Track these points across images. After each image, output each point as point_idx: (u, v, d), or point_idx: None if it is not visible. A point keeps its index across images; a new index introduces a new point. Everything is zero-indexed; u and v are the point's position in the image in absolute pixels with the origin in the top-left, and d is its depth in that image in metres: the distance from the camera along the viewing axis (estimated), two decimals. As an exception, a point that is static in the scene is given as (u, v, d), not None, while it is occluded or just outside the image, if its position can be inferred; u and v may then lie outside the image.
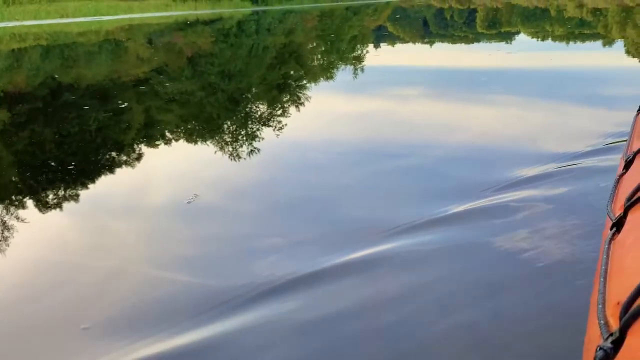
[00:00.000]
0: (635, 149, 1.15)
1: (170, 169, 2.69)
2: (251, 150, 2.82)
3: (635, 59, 5.95)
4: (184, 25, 17.78)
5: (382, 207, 1.87)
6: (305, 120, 3.72)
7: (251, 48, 9.85)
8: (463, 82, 4.98)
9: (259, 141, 3.02)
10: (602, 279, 0.71)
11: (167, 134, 3.52)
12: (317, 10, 28.26)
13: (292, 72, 6.47)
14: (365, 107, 4.00)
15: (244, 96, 4.89)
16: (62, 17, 23.83)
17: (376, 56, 8.07)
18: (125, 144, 3.24)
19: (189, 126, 3.74)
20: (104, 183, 2.50)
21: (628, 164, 1.10)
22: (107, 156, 3.00)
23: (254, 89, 5.32)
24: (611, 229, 0.85)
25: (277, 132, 3.26)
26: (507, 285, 1.29)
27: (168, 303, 1.38)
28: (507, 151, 2.46)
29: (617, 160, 1.43)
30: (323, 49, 9.39)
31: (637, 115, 1.54)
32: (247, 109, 4.19)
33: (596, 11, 17.35)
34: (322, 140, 3.05)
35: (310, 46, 9.98)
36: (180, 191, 2.30)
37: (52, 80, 6.33)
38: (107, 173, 2.64)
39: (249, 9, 36.99)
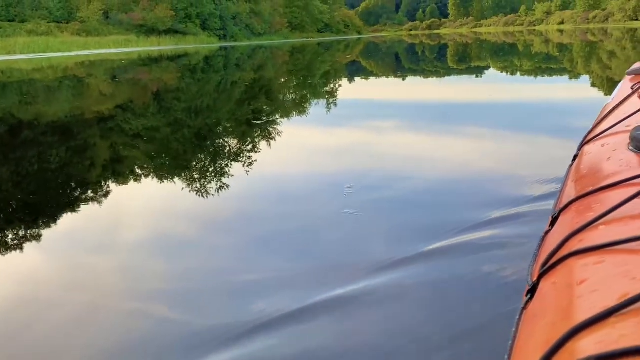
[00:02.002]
0: (562, 204, 1.08)
1: (145, 205, 2.74)
2: (226, 185, 2.90)
3: (601, 92, 6.43)
4: (148, 61, 17.99)
5: (355, 243, 1.96)
6: (281, 154, 3.84)
7: (219, 83, 10.08)
8: (435, 115, 5.27)
9: (233, 176, 3.10)
10: (506, 356, 0.70)
11: (139, 170, 3.58)
12: (287, 46, 28.94)
13: (264, 107, 6.67)
14: (339, 142, 4.18)
15: (215, 132, 5.02)
16: (9, 53, 23.61)
17: (350, 90, 8.41)
18: (96, 181, 3.28)
19: (161, 163, 3.81)
20: (75, 220, 2.53)
21: (553, 221, 1.04)
22: (76, 193, 3.03)
23: (226, 124, 5.46)
24: (526, 296, 0.82)
25: (252, 167, 3.36)
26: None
27: (146, 341, 1.42)
28: (478, 187, 2.57)
29: None
30: (295, 83, 9.70)
31: (571, 165, 1.44)
32: (219, 145, 4.31)
33: (562, 46, 18.60)
34: (298, 174, 3.16)
35: (282, 80, 10.29)
36: (154, 227, 2.37)
37: (11, 117, 6.32)
38: (77, 210, 2.67)
39: (216, 44, 37.68)
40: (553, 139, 3.60)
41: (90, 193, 3.02)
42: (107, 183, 3.26)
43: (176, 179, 3.19)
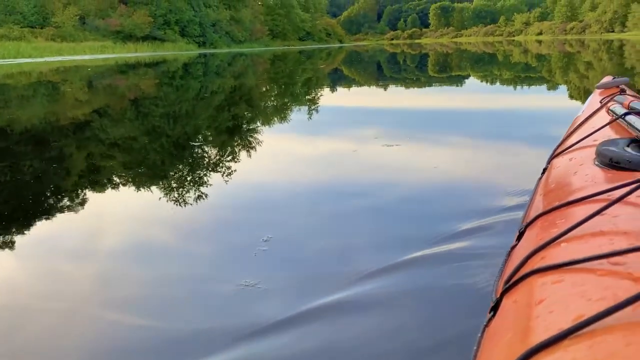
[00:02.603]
0: (528, 219, 1.09)
1: (123, 213, 2.73)
2: (205, 193, 2.90)
3: (578, 102, 6.64)
4: (126, 68, 17.84)
5: (336, 251, 1.99)
6: (261, 162, 3.85)
7: (199, 91, 10.05)
8: (416, 123, 5.37)
9: (212, 185, 3.10)
10: None
11: (116, 178, 3.56)
12: (268, 54, 29.01)
13: (245, 114, 6.69)
14: (321, 149, 4.22)
15: (194, 139, 5.01)
16: (-26, 59, 23.10)
17: (331, 99, 8.49)
18: (72, 189, 3.26)
19: (140, 171, 3.80)
20: (51, 228, 2.50)
21: (520, 236, 1.05)
22: (52, 201, 3.00)
23: (205, 131, 5.46)
24: (490, 312, 0.82)
25: (233, 174, 3.36)
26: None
27: (124, 349, 1.43)
28: (453, 197, 2.60)
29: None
30: (276, 92, 9.74)
31: (540, 178, 1.44)
32: (198, 152, 4.31)
33: (540, 57, 19.12)
34: (277, 182, 3.18)
35: (263, 89, 10.32)
36: (133, 235, 2.36)
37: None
38: (53, 219, 2.64)
39: (195, 51, 37.54)
40: (531, 149, 3.69)
41: (67, 201, 2.99)
42: (85, 191, 3.23)
43: (153, 187, 3.19)
